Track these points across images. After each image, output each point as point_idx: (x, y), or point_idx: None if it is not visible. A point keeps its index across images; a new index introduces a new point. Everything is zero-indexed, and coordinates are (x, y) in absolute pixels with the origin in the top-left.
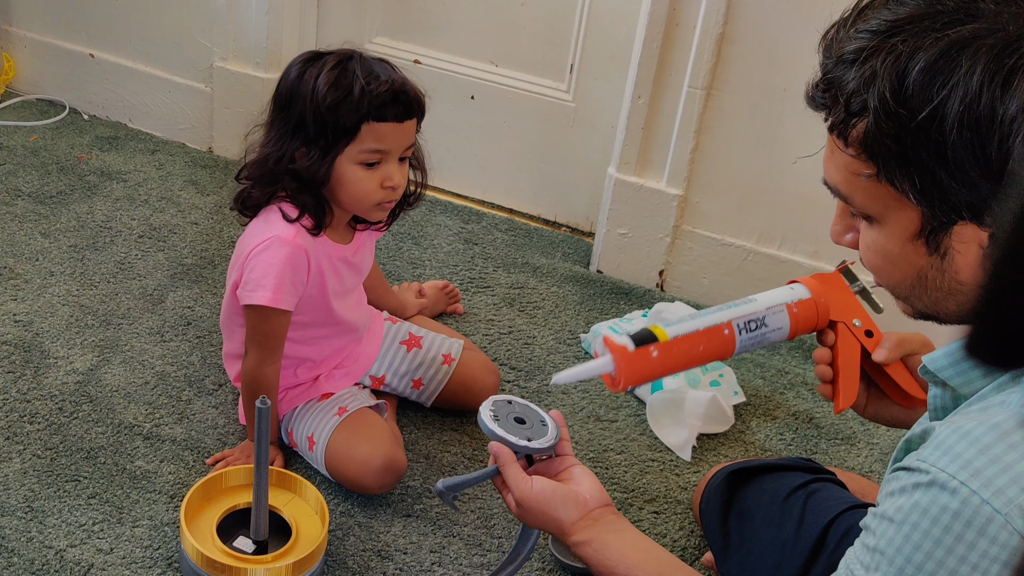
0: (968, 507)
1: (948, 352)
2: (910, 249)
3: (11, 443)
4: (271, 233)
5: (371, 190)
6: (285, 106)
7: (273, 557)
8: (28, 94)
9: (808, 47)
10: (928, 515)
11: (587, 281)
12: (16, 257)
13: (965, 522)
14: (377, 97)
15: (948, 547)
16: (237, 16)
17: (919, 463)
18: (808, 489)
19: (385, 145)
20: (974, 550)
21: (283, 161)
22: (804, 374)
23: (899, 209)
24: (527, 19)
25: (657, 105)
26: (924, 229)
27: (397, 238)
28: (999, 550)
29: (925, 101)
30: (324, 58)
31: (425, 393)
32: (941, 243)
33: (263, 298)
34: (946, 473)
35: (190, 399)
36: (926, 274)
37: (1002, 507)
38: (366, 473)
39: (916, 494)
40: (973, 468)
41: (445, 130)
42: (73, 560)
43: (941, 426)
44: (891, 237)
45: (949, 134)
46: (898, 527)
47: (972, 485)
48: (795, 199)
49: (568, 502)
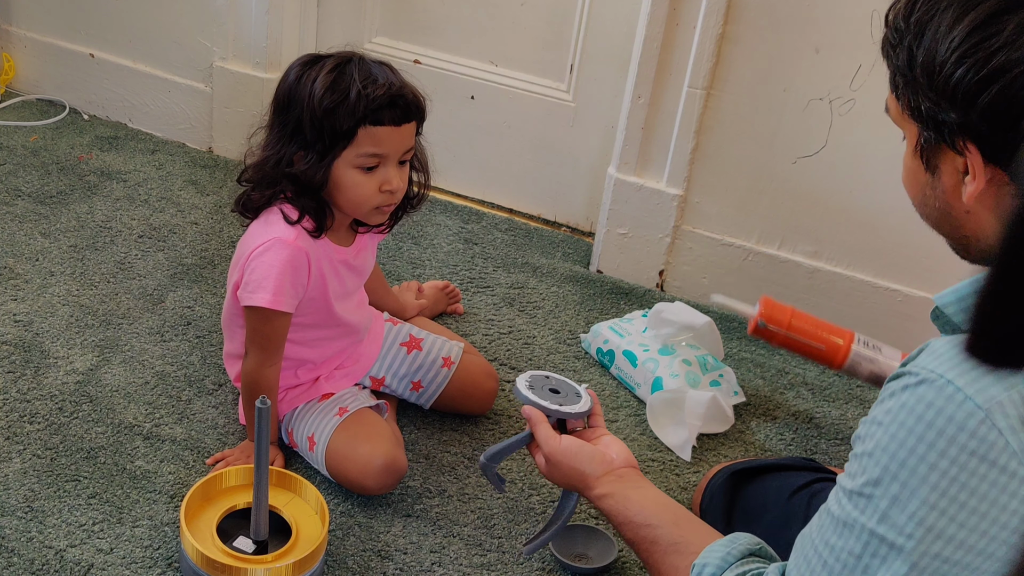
0: (951, 403)
1: (955, 290)
2: (915, 164)
3: (11, 443)
4: (272, 235)
5: (369, 194)
6: (283, 109)
7: (273, 557)
8: (28, 94)
9: (808, 47)
10: (913, 412)
11: (587, 281)
12: (16, 257)
13: (947, 417)
14: (373, 101)
15: (930, 442)
16: (237, 16)
17: (911, 368)
18: (811, 489)
19: (382, 149)
20: (954, 444)
21: (281, 164)
22: (804, 374)
23: (908, 124)
24: (527, 19)
25: (657, 105)
26: (919, 143)
27: (397, 238)
28: (978, 444)
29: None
30: (323, 61)
31: (424, 396)
32: (931, 160)
33: (263, 300)
34: (934, 373)
35: (190, 399)
36: (925, 191)
37: (983, 403)
38: (367, 474)
39: (904, 395)
40: (960, 369)
41: (445, 130)
42: (73, 560)
43: (936, 340)
44: (907, 151)
45: (919, 51)
46: (885, 428)
47: (957, 383)
48: (795, 199)
49: (595, 458)
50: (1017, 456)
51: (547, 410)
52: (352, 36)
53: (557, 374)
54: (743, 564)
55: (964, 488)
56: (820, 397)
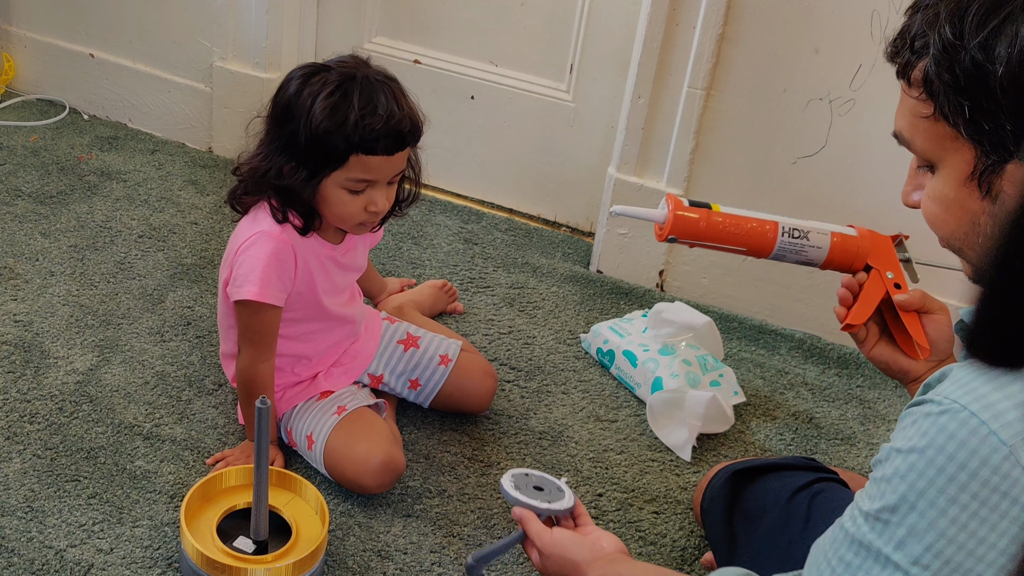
0: (975, 437)
1: None
2: (964, 193)
3: (11, 443)
4: (258, 229)
5: (354, 213)
6: (280, 121)
7: (273, 557)
8: (28, 94)
9: (808, 47)
10: (935, 444)
11: (587, 281)
12: (16, 257)
13: (970, 451)
14: (370, 131)
15: (950, 475)
16: (237, 16)
17: (933, 396)
18: (812, 489)
19: (372, 176)
20: (976, 479)
21: (270, 174)
22: (804, 374)
23: (955, 151)
24: (527, 19)
25: (657, 105)
26: (977, 169)
27: (397, 238)
28: (1000, 480)
29: (978, 36)
30: (326, 76)
31: (423, 394)
32: (993, 184)
33: (250, 292)
34: (958, 404)
35: (190, 399)
36: (978, 219)
37: (1008, 439)
38: (364, 472)
39: (926, 424)
40: (985, 401)
41: (445, 130)
42: (73, 560)
43: (959, 366)
44: (947, 181)
45: (998, 66)
46: (905, 456)
47: (982, 416)
48: (795, 199)
49: (585, 546)
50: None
51: (537, 509)
52: (352, 36)
53: (536, 470)
54: None
55: (984, 523)
56: (820, 397)
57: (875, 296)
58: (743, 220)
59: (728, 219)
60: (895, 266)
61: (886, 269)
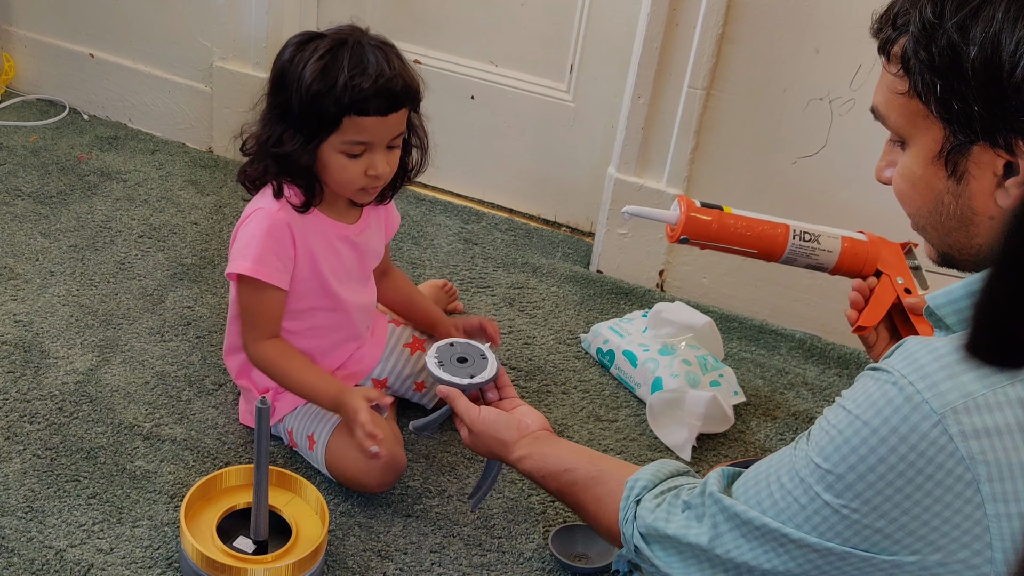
0: (909, 403)
1: (947, 291)
2: (931, 171)
3: (11, 443)
4: (256, 207)
5: (354, 177)
6: (276, 89)
7: (273, 557)
8: (28, 94)
9: (808, 47)
10: (874, 406)
11: (587, 281)
12: (16, 257)
13: (903, 416)
14: (359, 92)
15: (882, 436)
16: (237, 16)
17: (882, 364)
18: None
19: (367, 138)
20: (905, 443)
21: (270, 142)
22: (804, 374)
23: (925, 128)
24: (527, 19)
25: (657, 105)
26: (944, 148)
27: (397, 238)
28: (927, 446)
29: (956, 16)
30: (318, 41)
31: (427, 396)
32: (959, 165)
33: (243, 267)
34: (899, 373)
35: (190, 399)
36: (942, 198)
37: (939, 407)
38: (365, 472)
39: (871, 386)
40: (924, 372)
41: (445, 130)
42: (73, 560)
43: (911, 339)
44: (916, 158)
45: (972, 47)
46: (847, 413)
47: (918, 385)
48: (795, 199)
49: (511, 425)
50: (964, 462)
51: (460, 385)
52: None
53: (462, 339)
54: (675, 480)
55: (910, 483)
56: (820, 397)
57: (886, 300)
58: (755, 223)
59: (740, 221)
60: (905, 271)
61: (896, 274)
